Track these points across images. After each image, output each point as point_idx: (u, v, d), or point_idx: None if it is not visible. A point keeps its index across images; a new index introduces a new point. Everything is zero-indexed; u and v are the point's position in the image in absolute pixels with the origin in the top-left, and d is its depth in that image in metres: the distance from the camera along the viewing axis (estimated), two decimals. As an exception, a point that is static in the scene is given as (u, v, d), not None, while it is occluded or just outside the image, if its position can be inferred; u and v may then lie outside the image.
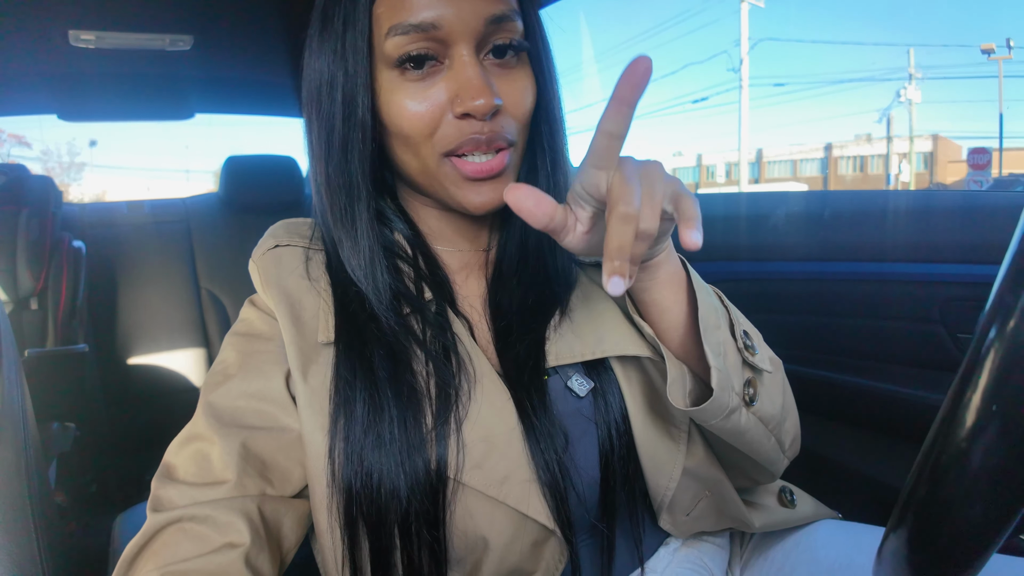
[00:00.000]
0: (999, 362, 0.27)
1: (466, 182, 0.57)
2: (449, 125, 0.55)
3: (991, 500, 0.29)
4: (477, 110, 0.53)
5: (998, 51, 21.95)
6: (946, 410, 0.30)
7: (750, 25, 20.91)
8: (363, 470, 0.53)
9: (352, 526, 0.54)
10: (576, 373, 0.62)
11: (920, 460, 0.32)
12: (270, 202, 2.04)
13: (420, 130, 0.55)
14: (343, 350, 0.57)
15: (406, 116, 0.55)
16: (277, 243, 0.64)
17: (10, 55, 1.41)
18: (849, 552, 0.68)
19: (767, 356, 0.63)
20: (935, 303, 1.11)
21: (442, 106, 0.55)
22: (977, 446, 0.28)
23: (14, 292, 1.65)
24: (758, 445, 0.61)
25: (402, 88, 0.55)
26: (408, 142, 0.56)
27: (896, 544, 0.34)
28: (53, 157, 33.73)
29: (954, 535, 0.31)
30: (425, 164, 0.57)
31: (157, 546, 0.51)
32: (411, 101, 0.55)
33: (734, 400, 0.57)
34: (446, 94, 0.54)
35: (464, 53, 0.54)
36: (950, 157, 31.33)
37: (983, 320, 0.28)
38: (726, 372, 0.56)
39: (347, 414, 0.55)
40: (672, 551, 0.70)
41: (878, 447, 1.20)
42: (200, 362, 1.99)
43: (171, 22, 1.31)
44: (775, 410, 0.61)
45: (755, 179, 36.88)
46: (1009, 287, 0.27)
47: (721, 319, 0.59)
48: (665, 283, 0.57)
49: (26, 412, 0.71)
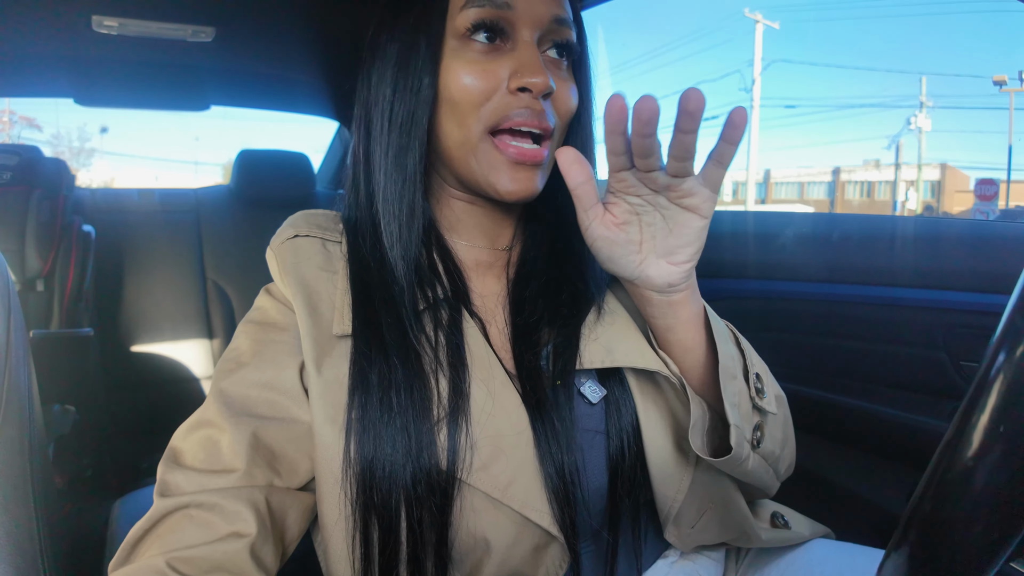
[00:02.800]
0: (1008, 384, 0.28)
1: (503, 165, 0.58)
2: (502, 97, 0.57)
3: (992, 521, 0.30)
4: (535, 86, 0.56)
5: (1010, 83, 21.96)
6: (953, 430, 0.30)
7: (764, 46, 20.99)
8: (375, 461, 0.54)
9: (363, 506, 0.54)
10: (589, 380, 0.62)
11: (925, 479, 0.32)
12: (281, 197, 2.04)
13: (473, 98, 0.57)
14: (360, 342, 0.57)
15: (463, 82, 0.57)
16: (296, 233, 0.64)
17: (32, 38, 1.42)
18: (845, 573, 0.68)
19: (773, 396, 0.64)
20: (940, 330, 1.11)
21: (500, 79, 0.58)
22: (982, 467, 0.29)
23: (21, 273, 1.65)
24: (758, 478, 0.63)
25: (464, 56, 0.58)
26: (456, 110, 0.58)
27: (898, 562, 0.34)
28: (63, 142, 33.88)
29: (954, 555, 0.31)
30: (467, 137, 0.58)
31: (162, 530, 0.51)
32: (471, 67, 0.58)
33: (746, 450, 0.59)
34: (506, 70, 0.58)
35: (527, 37, 0.58)
36: (957, 187, 31.30)
37: (993, 343, 0.29)
38: (741, 428, 0.58)
39: (361, 404, 0.55)
40: (670, 563, 0.70)
41: (877, 470, 1.19)
42: (203, 353, 1.99)
43: (194, 13, 1.32)
44: (776, 447, 0.63)
45: (762, 199, 36.88)
46: (1020, 311, 0.28)
47: (737, 367, 0.61)
48: (689, 323, 0.59)
49: (32, 391, 0.71)
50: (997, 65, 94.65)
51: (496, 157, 0.58)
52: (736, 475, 0.61)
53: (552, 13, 0.59)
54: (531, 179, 0.59)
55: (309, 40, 1.55)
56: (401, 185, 0.60)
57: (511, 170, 0.58)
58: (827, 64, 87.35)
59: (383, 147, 0.60)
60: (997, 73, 32.61)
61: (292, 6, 1.33)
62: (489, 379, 0.58)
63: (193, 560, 0.49)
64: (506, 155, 0.58)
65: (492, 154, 0.58)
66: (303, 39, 1.56)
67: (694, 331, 0.60)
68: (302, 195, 2.07)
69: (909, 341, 1.16)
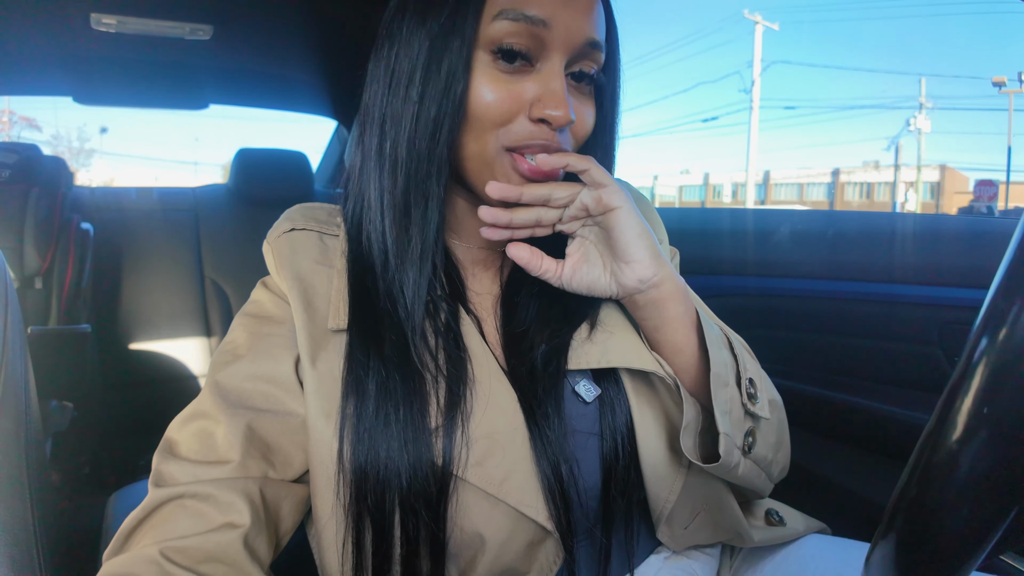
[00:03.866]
0: (991, 368, 0.28)
1: (518, 178, 0.58)
2: (522, 124, 0.56)
3: (979, 504, 0.30)
4: (556, 120, 0.55)
5: (1009, 84, 22.00)
6: (938, 414, 0.30)
7: (764, 47, 21.01)
8: (370, 455, 0.54)
9: (356, 510, 0.54)
10: (584, 379, 0.62)
11: (910, 464, 0.32)
12: (279, 196, 2.05)
13: (494, 118, 0.56)
14: (357, 336, 0.57)
15: (486, 101, 0.55)
16: (293, 226, 0.64)
17: (31, 35, 1.42)
18: (839, 568, 0.68)
19: (767, 400, 0.64)
20: (934, 325, 1.11)
21: (522, 104, 0.56)
22: (967, 450, 0.29)
23: (20, 270, 1.65)
24: (747, 481, 0.63)
25: (490, 73, 0.56)
26: (475, 125, 0.56)
27: (885, 549, 0.34)
28: (63, 142, 33.88)
29: (942, 539, 0.31)
30: (484, 151, 0.57)
31: (156, 520, 0.51)
32: (495, 87, 0.56)
33: (736, 456, 0.59)
34: (530, 92, 0.56)
35: (556, 63, 0.56)
36: (957, 188, 31.34)
37: (977, 327, 0.29)
38: (731, 435, 0.58)
39: (358, 397, 0.55)
40: (662, 559, 0.70)
41: (872, 466, 1.20)
42: (200, 351, 1.99)
43: (193, 11, 1.33)
44: (769, 451, 0.64)
45: (761, 200, 36.92)
46: (1002, 295, 0.28)
47: (730, 373, 0.60)
48: (677, 322, 0.60)
49: (29, 386, 0.71)
50: (996, 66, 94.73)
51: (513, 171, 0.58)
52: (727, 479, 0.62)
53: (586, 36, 0.56)
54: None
55: (307, 38, 1.56)
56: (423, 182, 0.58)
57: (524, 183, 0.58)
58: (826, 65, 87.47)
59: (405, 144, 0.58)
60: (996, 74, 32.67)
61: (290, 4, 1.33)
62: (485, 376, 0.58)
63: (186, 550, 0.49)
64: (523, 171, 0.57)
65: (509, 167, 0.57)
66: (301, 37, 1.56)
67: (684, 331, 0.60)
68: (300, 194, 2.08)
69: (904, 337, 1.16)
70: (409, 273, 0.58)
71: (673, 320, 0.60)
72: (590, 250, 0.60)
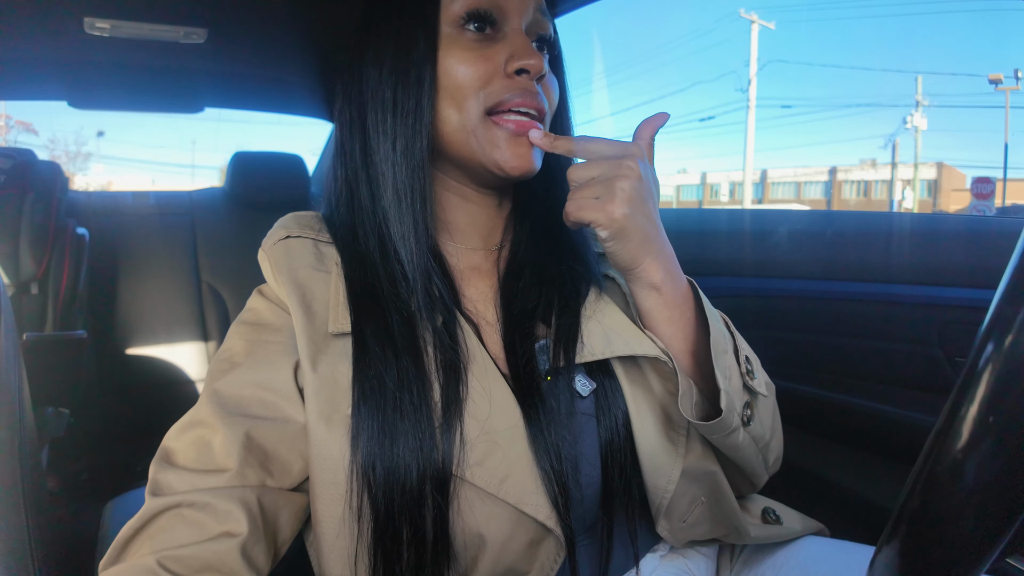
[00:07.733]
0: (996, 375, 0.27)
1: (503, 141, 0.60)
2: (500, 81, 0.60)
3: (984, 513, 0.29)
4: (532, 67, 0.60)
5: (1005, 81, 22.05)
6: (942, 422, 0.30)
7: (760, 46, 21.04)
8: (380, 459, 0.54)
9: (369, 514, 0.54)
10: (579, 374, 0.62)
11: (915, 472, 0.32)
12: (275, 199, 2.04)
13: (473, 81, 0.60)
14: (360, 340, 0.58)
15: (462, 69, 0.60)
16: (288, 234, 0.65)
17: (25, 40, 1.41)
18: (840, 571, 0.68)
19: (763, 381, 0.67)
20: (934, 326, 1.11)
21: (497, 64, 0.61)
22: (972, 458, 0.29)
23: (15, 276, 1.65)
24: (747, 460, 0.64)
25: (460, 43, 0.61)
26: (456, 95, 0.60)
27: (889, 556, 0.34)
28: (60, 146, 33.76)
29: (946, 548, 0.31)
30: (466, 120, 0.60)
31: (153, 530, 0.51)
32: (469, 54, 0.60)
33: (736, 420, 0.60)
34: (501, 55, 0.61)
35: (516, 26, 0.62)
36: (954, 185, 31.40)
37: (982, 333, 0.29)
38: (731, 396, 0.59)
39: (366, 402, 0.55)
40: (658, 557, 0.70)
41: (872, 467, 1.19)
42: (197, 356, 1.98)
43: (187, 14, 1.32)
44: (765, 431, 0.65)
45: (759, 199, 36.95)
46: (1008, 302, 0.28)
47: (728, 344, 0.62)
48: (672, 303, 0.61)
49: (23, 393, 0.71)
50: (993, 63, 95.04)
51: (496, 134, 0.60)
52: (726, 450, 0.62)
53: (535, 2, 0.63)
54: (530, 154, 0.62)
55: (303, 41, 1.55)
56: (412, 173, 0.61)
57: (512, 145, 0.61)
58: (823, 64, 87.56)
59: (390, 139, 0.61)
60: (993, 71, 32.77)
61: (285, 7, 1.33)
62: (483, 376, 0.58)
63: (184, 559, 0.48)
64: (505, 129, 0.60)
65: (492, 131, 0.61)
66: (296, 40, 1.56)
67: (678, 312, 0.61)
68: (297, 197, 2.07)
69: (903, 337, 1.16)
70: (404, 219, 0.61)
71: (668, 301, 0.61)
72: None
